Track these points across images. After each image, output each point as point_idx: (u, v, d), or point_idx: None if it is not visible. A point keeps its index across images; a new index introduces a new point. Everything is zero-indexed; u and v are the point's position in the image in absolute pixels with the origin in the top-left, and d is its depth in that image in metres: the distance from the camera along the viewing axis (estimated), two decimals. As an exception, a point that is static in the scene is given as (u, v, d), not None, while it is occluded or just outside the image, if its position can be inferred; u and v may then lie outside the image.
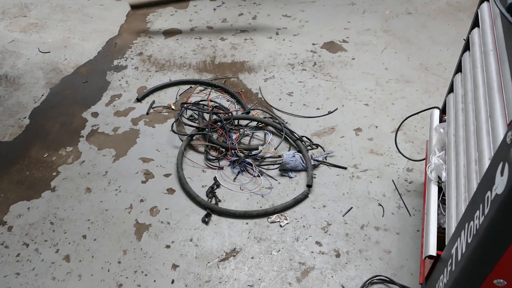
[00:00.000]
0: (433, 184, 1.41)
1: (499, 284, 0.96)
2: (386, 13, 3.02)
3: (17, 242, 1.76)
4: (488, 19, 1.22)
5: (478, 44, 1.27)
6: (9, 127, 2.27)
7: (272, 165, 2.01)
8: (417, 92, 2.37)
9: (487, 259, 0.92)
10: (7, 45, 2.82)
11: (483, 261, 0.93)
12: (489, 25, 1.20)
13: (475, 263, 0.95)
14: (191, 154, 2.09)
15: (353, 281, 1.60)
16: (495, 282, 0.96)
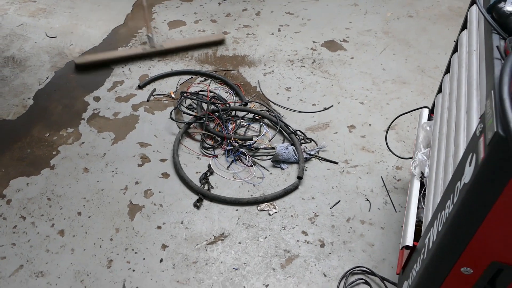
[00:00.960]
0: (416, 179, 1.46)
1: (465, 272, 1.02)
2: (388, 15, 3.07)
3: (15, 215, 1.83)
4: (475, 21, 1.28)
5: (465, 45, 1.32)
6: (14, 106, 2.33)
7: (265, 156, 2.07)
8: (412, 93, 2.42)
9: (455, 246, 0.97)
10: (16, 29, 2.89)
11: (450, 249, 0.99)
12: (475, 26, 1.25)
13: (444, 250, 1.01)
14: (187, 141, 2.15)
15: (335, 270, 1.66)
16: (462, 270, 1.01)
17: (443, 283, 1.07)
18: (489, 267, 0.97)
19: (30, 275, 1.64)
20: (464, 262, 0.99)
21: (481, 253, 0.94)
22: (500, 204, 0.83)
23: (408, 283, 1.23)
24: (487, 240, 0.91)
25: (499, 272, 0.98)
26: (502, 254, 0.93)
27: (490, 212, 0.86)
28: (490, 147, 0.78)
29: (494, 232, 0.89)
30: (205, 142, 2.13)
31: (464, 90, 1.19)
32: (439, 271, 1.04)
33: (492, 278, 1.00)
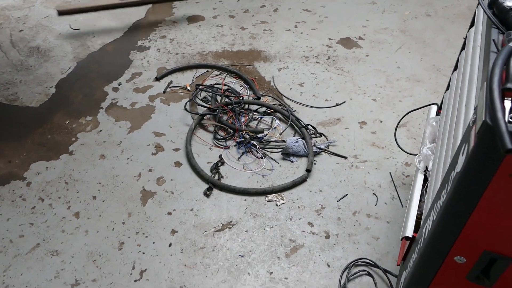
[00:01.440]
0: (420, 173, 1.48)
1: (459, 261, 1.04)
2: (406, 13, 3.07)
3: (34, 197, 1.92)
4: (482, 18, 1.29)
5: (471, 41, 1.34)
6: (37, 94, 2.43)
7: (276, 149, 2.11)
8: (426, 91, 2.42)
9: (448, 235, 1.00)
10: (42, 20, 3.00)
11: (444, 237, 1.01)
12: (481, 23, 1.26)
13: (437, 239, 1.03)
14: (200, 132, 2.21)
15: (339, 261, 1.69)
16: (456, 259, 1.04)
17: (438, 272, 1.09)
18: (481, 256, 0.99)
19: (46, 253, 1.72)
20: (457, 251, 1.01)
21: (473, 242, 0.97)
22: (489, 193, 0.86)
23: (406, 273, 1.26)
24: (478, 229, 0.94)
25: (493, 262, 1.00)
26: (493, 243, 0.95)
27: (481, 200, 0.88)
28: (479, 136, 0.80)
29: (485, 221, 0.91)
30: (217, 133, 2.18)
31: (466, 85, 1.21)
32: (434, 260, 1.07)
33: (486, 268, 1.02)
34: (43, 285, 1.63)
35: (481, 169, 0.83)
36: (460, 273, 1.06)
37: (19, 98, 2.41)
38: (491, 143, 0.78)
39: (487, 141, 0.79)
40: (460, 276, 1.06)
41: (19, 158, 2.09)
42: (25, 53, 2.71)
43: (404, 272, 1.30)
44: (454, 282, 1.09)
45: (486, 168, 0.82)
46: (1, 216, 1.85)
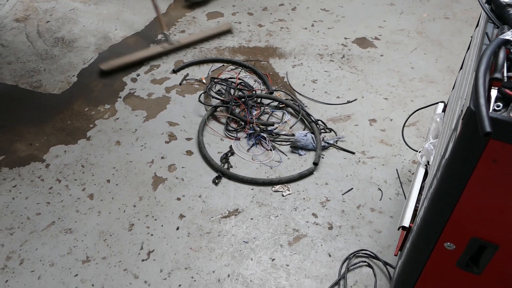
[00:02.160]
0: (421, 167, 1.51)
1: (449, 248, 1.07)
2: (424, 16, 3.08)
3: (51, 178, 2.01)
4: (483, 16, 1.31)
5: (474, 39, 1.36)
6: (59, 82, 2.54)
7: (285, 142, 2.16)
8: (439, 92, 2.43)
9: (437, 221, 1.03)
10: (67, 13, 3.12)
11: (433, 224, 1.04)
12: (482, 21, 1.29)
13: (427, 225, 1.06)
14: (213, 124, 2.27)
15: (340, 252, 1.73)
16: (446, 245, 1.07)
17: (429, 259, 1.12)
18: (469, 243, 1.02)
19: (60, 231, 1.81)
20: (446, 237, 1.04)
21: (461, 228, 1.00)
22: (474, 179, 0.89)
23: (401, 262, 1.29)
24: (465, 215, 0.97)
25: (482, 250, 1.03)
26: (480, 230, 0.98)
27: (466, 187, 0.91)
28: (464, 122, 0.84)
29: (471, 207, 0.95)
30: (229, 125, 2.24)
31: (465, 78, 1.23)
32: (425, 246, 1.10)
33: (475, 255, 1.05)
34: (56, 260, 1.71)
35: (466, 155, 0.87)
36: (450, 260, 1.09)
37: (43, 85, 2.52)
38: (475, 129, 0.82)
39: (471, 127, 0.83)
40: (450, 263, 1.09)
41: (39, 141, 2.19)
42: (51, 43, 2.83)
43: (400, 261, 1.33)
44: (445, 269, 1.12)
45: (470, 154, 0.86)
46: (21, 195, 1.95)
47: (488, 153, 0.84)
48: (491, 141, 0.82)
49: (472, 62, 1.17)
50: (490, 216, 0.94)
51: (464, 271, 1.09)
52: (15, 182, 2.00)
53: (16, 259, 1.72)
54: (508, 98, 0.84)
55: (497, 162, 0.84)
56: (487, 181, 0.88)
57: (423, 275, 1.18)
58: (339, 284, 1.63)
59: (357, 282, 1.63)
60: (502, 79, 0.85)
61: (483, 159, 0.85)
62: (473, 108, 0.80)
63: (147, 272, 1.67)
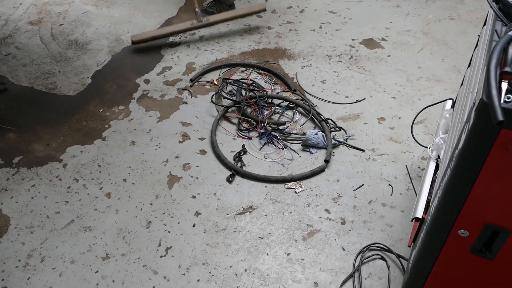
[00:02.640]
0: (432, 162, 1.56)
1: (462, 235, 1.12)
2: (429, 17, 3.13)
3: (69, 177, 2.07)
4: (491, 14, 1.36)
5: (482, 37, 1.41)
6: (74, 84, 2.60)
7: (296, 141, 2.21)
8: (445, 91, 2.48)
9: (451, 209, 1.08)
10: (80, 16, 3.19)
11: (448, 212, 1.09)
12: (491, 20, 1.34)
13: (442, 214, 1.11)
14: (225, 124, 2.33)
15: (354, 245, 1.77)
16: (460, 232, 1.11)
17: (443, 247, 1.17)
18: (483, 229, 1.06)
19: (79, 229, 1.86)
20: (460, 224, 1.08)
21: (474, 215, 1.04)
22: (487, 167, 0.94)
23: (415, 252, 1.34)
24: (478, 202, 1.01)
25: (495, 236, 1.07)
26: (493, 216, 1.02)
27: (479, 175, 0.96)
28: (476, 113, 0.88)
29: (484, 194, 0.99)
30: (241, 125, 2.29)
31: (475, 74, 1.28)
32: (439, 234, 1.15)
33: (489, 241, 1.09)
34: (76, 257, 1.76)
35: (479, 144, 0.91)
36: (464, 247, 1.13)
37: (58, 87, 2.58)
38: (488, 119, 0.86)
39: (483, 117, 0.87)
40: (464, 250, 1.14)
41: (56, 142, 2.25)
42: (64, 46, 2.90)
43: (414, 252, 1.37)
44: (459, 256, 1.16)
45: (483, 143, 0.91)
46: (40, 194, 2.00)
47: (500, 142, 0.88)
48: (503, 130, 0.87)
49: (481, 59, 1.22)
50: (502, 203, 0.99)
51: (478, 257, 1.13)
52: (33, 182, 2.05)
53: (37, 257, 1.77)
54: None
55: (509, 150, 0.89)
56: (499, 168, 0.93)
57: (437, 262, 1.22)
58: (354, 276, 1.67)
59: (371, 275, 1.68)
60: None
61: (495, 147, 0.90)
62: (485, 100, 0.85)
63: (166, 268, 1.72)
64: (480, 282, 1.22)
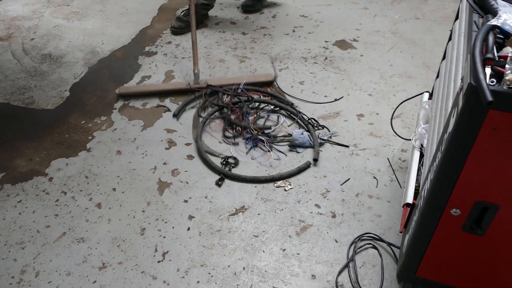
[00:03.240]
0: (416, 150, 1.64)
1: (455, 214, 1.19)
2: (396, 17, 3.27)
3: (57, 190, 2.05)
4: (465, 10, 1.47)
5: (457, 30, 1.51)
6: (52, 97, 2.57)
7: (282, 142, 2.26)
8: (418, 86, 2.60)
9: (443, 189, 1.15)
10: (52, 29, 3.16)
11: (440, 192, 1.17)
12: (464, 14, 1.44)
13: (435, 194, 1.18)
14: (210, 129, 2.35)
15: (346, 237, 1.84)
16: (452, 211, 1.19)
17: (437, 227, 1.24)
18: (473, 207, 1.14)
19: (72, 241, 1.85)
20: (453, 204, 1.16)
21: (466, 193, 1.12)
22: (477, 147, 1.02)
23: (409, 235, 1.41)
24: (469, 181, 1.09)
25: (484, 213, 1.16)
26: (483, 193, 1.11)
27: (470, 154, 1.04)
28: (465, 96, 0.96)
29: (474, 173, 1.07)
30: (227, 131, 2.32)
31: (454, 65, 1.38)
32: (433, 215, 1.22)
33: (479, 218, 1.18)
34: (72, 269, 1.75)
35: (468, 125, 0.99)
36: (456, 226, 1.21)
37: (35, 101, 2.55)
38: (476, 101, 0.94)
39: (472, 100, 0.95)
40: (457, 228, 1.21)
41: (39, 156, 2.22)
42: (38, 60, 2.86)
43: (406, 236, 1.45)
44: (452, 235, 1.24)
45: (472, 124, 0.98)
46: (27, 209, 1.97)
47: (488, 122, 0.96)
48: (491, 111, 0.95)
49: (460, 49, 1.31)
50: (491, 180, 1.07)
51: (469, 234, 1.21)
52: (19, 198, 2.02)
53: (31, 272, 1.74)
54: (500, 74, 0.97)
55: (496, 129, 0.97)
56: (488, 147, 1.01)
57: (431, 243, 1.30)
58: (349, 266, 1.73)
59: (365, 263, 1.74)
60: (494, 58, 0.98)
61: (484, 127, 0.98)
62: (473, 83, 0.93)
63: (165, 272, 1.73)
64: (471, 259, 1.30)
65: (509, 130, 0.97)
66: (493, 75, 0.97)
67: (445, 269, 1.39)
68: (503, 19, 1.01)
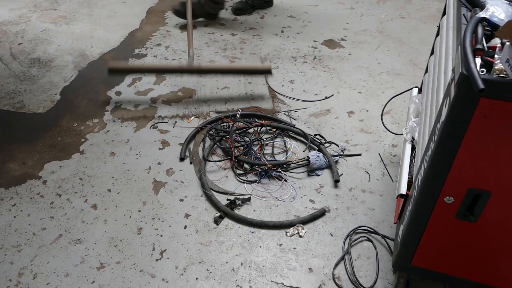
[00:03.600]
0: (408, 143, 1.69)
1: (448, 201, 1.23)
2: (382, 17, 3.33)
3: (51, 193, 2.04)
4: (452, 5, 1.52)
5: (444, 26, 1.56)
6: (43, 101, 2.56)
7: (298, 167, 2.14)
8: (405, 83, 2.66)
9: (437, 178, 1.19)
10: (39, 34, 3.14)
11: (434, 181, 1.20)
12: (452, 9, 1.49)
13: (429, 183, 1.22)
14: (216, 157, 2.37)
15: (341, 231, 1.87)
16: (446, 199, 1.23)
17: (431, 215, 1.28)
18: (466, 194, 1.18)
19: (69, 242, 1.85)
20: (446, 192, 1.20)
21: (459, 181, 1.16)
22: (469, 134, 1.06)
23: (403, 225, 1.45)
24: (462, 169, 1.13)
25: (477, 200, 1.20)
26: (475, 180, 1.15)
27: (462, 142, 1.08)
28: (457, 86, 1.00)
29: (467, 160, 1.11)
30: (237, 169, 2.14)
31: (443, 59, 1.42)
32: (427, 204, 1.26)
33: (471, 205, 1.22)
34: (70, 270, 1.75)
35: (460, 114, 1.03)
36: (450, 213, 1.25)
37: (26, 105, 2.54)
38: (468, 90, 0.98)
39: (464, 89, 0.99)
40: (451, 216, 1.25)
41: (32, 159, 2.21)
42: (27, 65, 2.85)
43: (401, 226, 1.48)
44: (446, 222, 1.28)
45: (465, 112, 1.02)
46: (22, 212, 1.96)
47: (479, 110, 1.01)
48: (482, 99, 0.99)
49: (449, 43, 1.35)
50: (483, 167, 1.11)
51: (463, 221, 1.25)
52: (13, 201, 2.01)
53: (28, 275, 1.74)
54: (490, 64, 1.01)
55: (487, 117, 1.01)
56: (479, 134, 1.05)
57: (426, 232, 1.33)
58: (345, 259, 1.77)
59: (360, 256, 1.78)
60: (483, 49, 1.03)
61: (475, 115, 1.02)
62: (465, 73, 0.97)
63: (163, 270, 1.74)
64: (465, 246, 1.34)
65: (499, 118, 1.01)
66: (483, 65, 1.02)
67: (439, 257, 1.43)
68: (491, 12, 1.06)
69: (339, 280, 1.70)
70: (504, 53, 0.94)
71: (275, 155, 2.22)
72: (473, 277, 1.44)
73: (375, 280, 1.70)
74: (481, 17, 1.08)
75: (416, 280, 1.68)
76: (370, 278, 1.71)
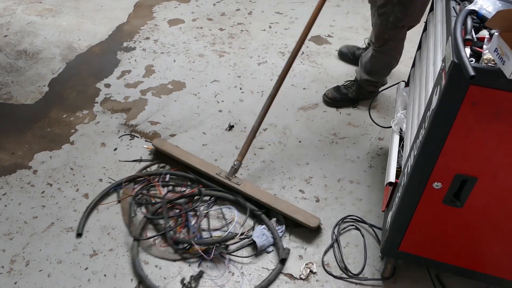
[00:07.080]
0: (396, 134, 1.75)
1: (436, 187, 1.29)
2: (367, 14, 3.40)
3: (42, 182, 2.04)
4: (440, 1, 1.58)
5: (432, 21, 1.63)
6: (30, 92, 2.55)
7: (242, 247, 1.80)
8: (391, 79, 2.71)
9: (427, 164, 1.25)
10: (25, 26, 3.11)
11: (424, 167, 1.26)
12: (440, 3, 1.56)
13: (418, 169, 1.28)
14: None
15: (330, 220, 1.93)
16: (434, 185, 1.29)
17: (420, 201, 1.34)
18: (454, 180, 1.25)
19: (61, 230, 1.85)
20: (435, 178, 1.26)
21: (447, 167, 1.23)
22: (458, 121, 1.12)
23: (392, 212, 1.51)
24: (451, 155, 1.19)
25: (463, 185, 1.26)
26: (462, 166, 1.21)
27: (452, 129, 1.14)
28: (448, 74, 1.06)
29: (455, 147, 1.18)
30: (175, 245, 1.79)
31: (431, 52, 1.49)
32: (416, 189, 1.32)
33: (458, 191, 1.28)
34: (63, 257, 1.76)
35: (451, 101, 1.09)
36: (437, 199, 1.31)
37: (14, 96, 2.52)
38: (458, 78, 1.04)
39: (455, 77, 1.05)
40: (438, 201, 1.32)
41: (21, 150, 2.20)
42: (13, 56, 2.82)
43: (390, 213, 1.55)
44: (433, 208, 1.34)
45: (454, 100, 1.09)
46: (12, 202, 1.96)
47: (469, 97, 1.07)
48: (471, 86, 1.05)
49: (437, 36, 1.42)
50: (470, 153, 1.18)
51: (449, 207, 1.31)
52: (4, 191, 2.00)
53: (21, 262, 1.74)
54: (479, 54, 1.08)
55: (476, 104, 1.07)
56: (468, 121, 1.11)
57: (414, 217, 1.40)
58: (333, 246, 1.82)
59: (348, 243, 1.84)
60: (473, 39, 1.09)
61: (465, 102, 1.08)
62: (456, 61, 1.03)
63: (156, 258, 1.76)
64: (451, 231, 1.41)
65: (487, 105, 1.07)
66: (472, 55, 1.08)
67: (426, 243, 1.49)
68: (480, 5, 1.12)
69: (329, 267, 1.76)
70: (493, 43, 1.00)
71: (217, 229, 1.85)
72: (458, 262, 1.51)
73: (363, 267, 1.76)
74: (470, 9, 1.14)
75: (402, 267, 1.74)
76: (358, 265, 1.77)
